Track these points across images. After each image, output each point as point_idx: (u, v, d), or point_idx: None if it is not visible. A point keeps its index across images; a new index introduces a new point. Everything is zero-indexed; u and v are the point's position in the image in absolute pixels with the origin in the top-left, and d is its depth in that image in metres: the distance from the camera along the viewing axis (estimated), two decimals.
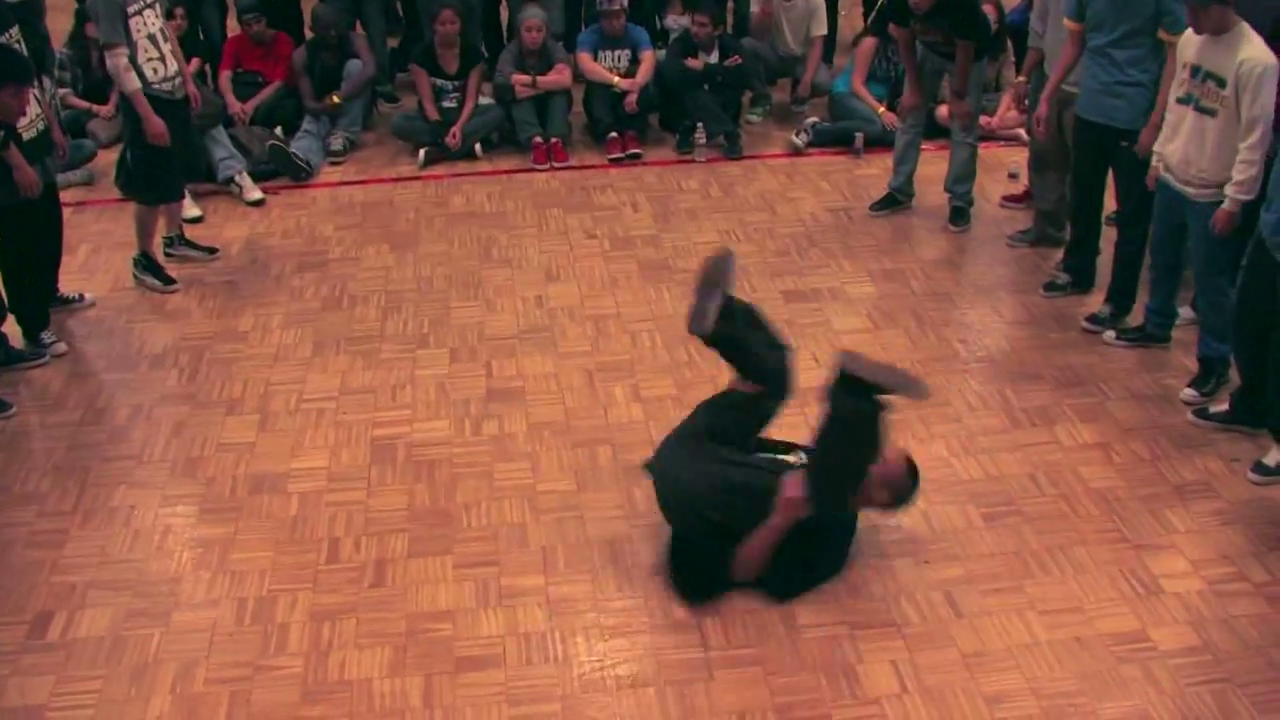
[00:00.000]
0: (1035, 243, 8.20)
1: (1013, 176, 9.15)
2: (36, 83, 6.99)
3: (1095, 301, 7.37)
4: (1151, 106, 6.74)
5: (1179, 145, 6.31)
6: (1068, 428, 6.35)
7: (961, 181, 8.48)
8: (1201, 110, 6.17)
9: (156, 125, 7.42)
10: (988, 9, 8.85)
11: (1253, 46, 5.95)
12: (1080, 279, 7.58)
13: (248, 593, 5.36)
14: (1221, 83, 6.03)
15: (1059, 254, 7.83)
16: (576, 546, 5.58)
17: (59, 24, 10.55)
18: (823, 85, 10.55)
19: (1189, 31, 6.21)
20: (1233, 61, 5.96)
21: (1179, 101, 6.30)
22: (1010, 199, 8.86)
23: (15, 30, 6.90)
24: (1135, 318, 7.14)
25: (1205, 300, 6.51)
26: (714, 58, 9.91)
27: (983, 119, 8.91)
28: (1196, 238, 6.37)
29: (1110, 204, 7.37)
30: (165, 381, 6.94)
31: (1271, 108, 5.95)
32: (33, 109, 6.84)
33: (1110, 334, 7.10)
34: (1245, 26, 6.00)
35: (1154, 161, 6.55)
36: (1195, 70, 6.18)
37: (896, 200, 8.78)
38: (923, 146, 8.75)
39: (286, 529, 5.74)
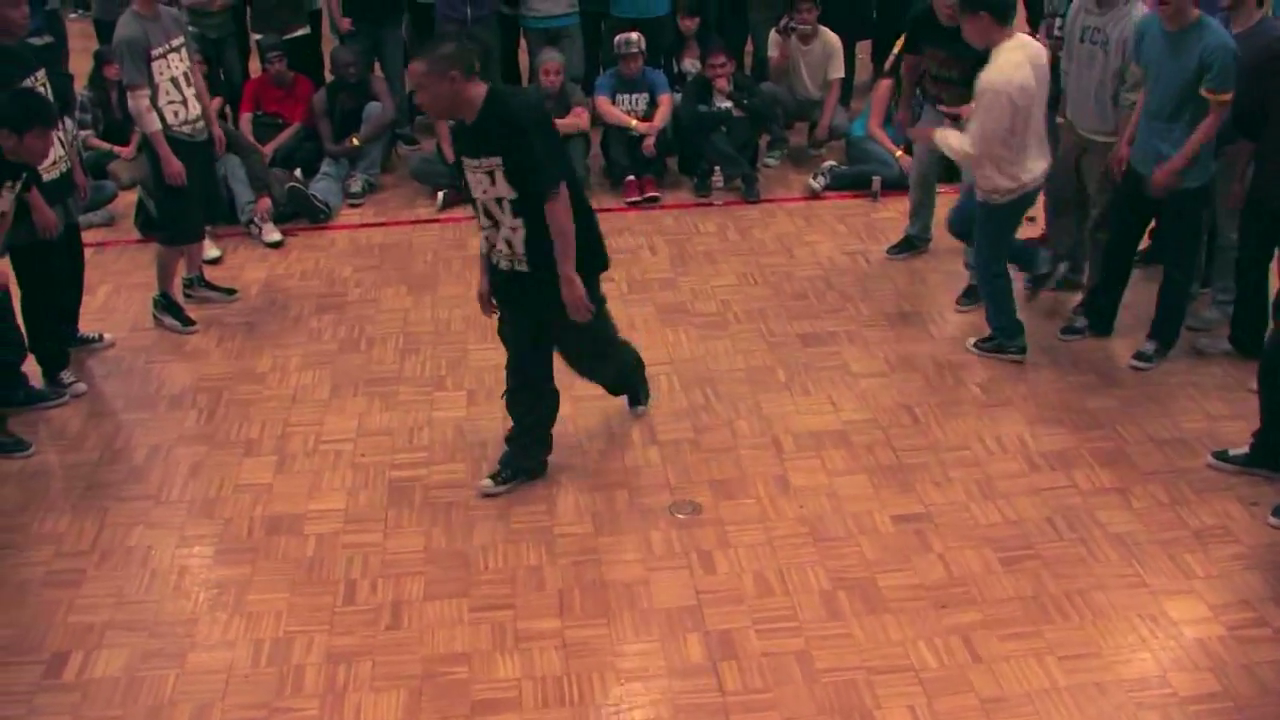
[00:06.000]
0: (1053, 286, 8.17)
1: (1030, 220, 9.13)
2: (59, 124, 7.04)
3: (1114, 344, 7.39)
4: (1204, 166, 6.80)
5: None
6: (1086, 472, 6.33)
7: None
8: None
9: (174, 165, 7.47)
10: None
11: (998, 64, 6.55)
12: (1099, 323, 7.55)
13: (264, 634, 5.35)
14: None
15: (1076, 297, 7.82)
16: (593, 589, 5.57)
17: (79, 65, 10.65)
18: (840, 128, 10.58)
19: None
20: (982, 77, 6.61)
21: None
22: (1028, 243, 8.83)
23: (41, 73, 6.94)
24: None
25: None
26: (728, 102, 9.94)
27: None
28: None
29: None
30: (183, 422, 6.96)
31: (992, 129, 6.58)
32: (55, 150, 6.88)
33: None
34: (1007, 44, 6.58)
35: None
36: None
37: (914, 245, 8.77)
38: (940, 189, 8.72)
39: (303, 570, 5.74)
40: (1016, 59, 6.58)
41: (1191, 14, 6.55)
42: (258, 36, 10.73)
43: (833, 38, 10.47)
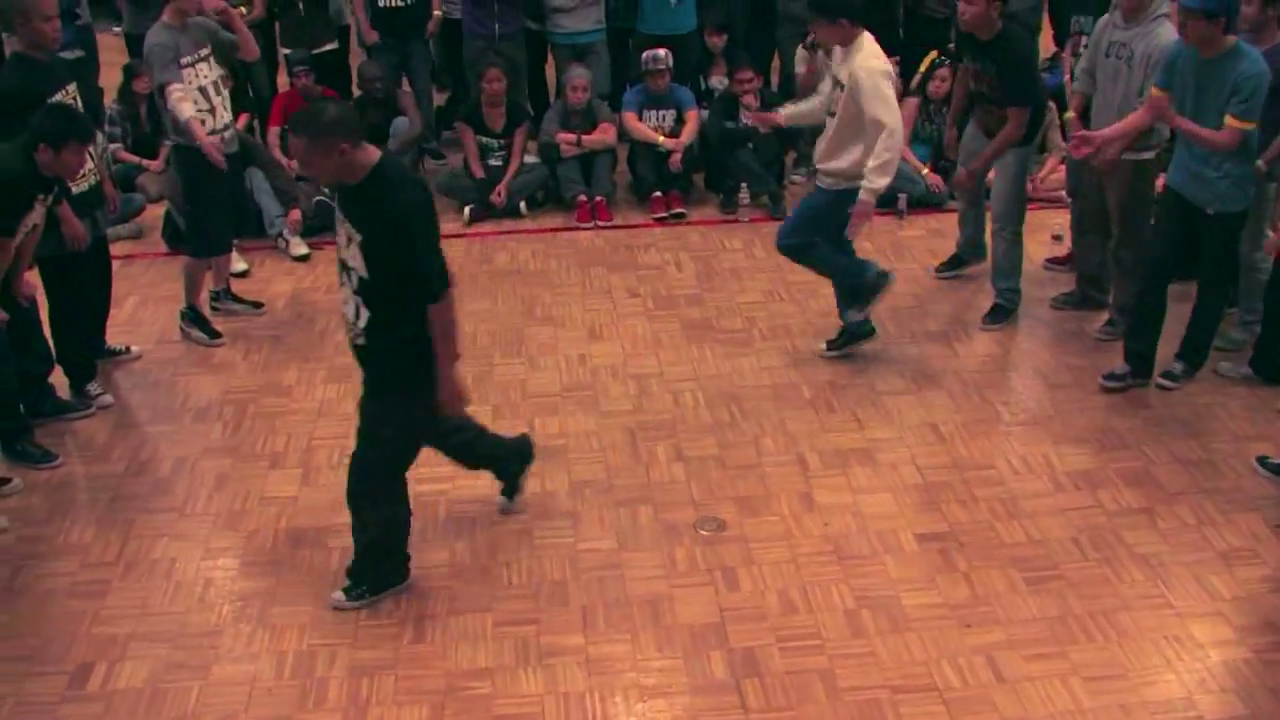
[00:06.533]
0: (1078, 305, 8.15)
1: (1056, 239, 9.12)
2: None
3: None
4: (1244, 190, 6.74)
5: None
6: (1112, 492, 6.30)
7: (1005, 276, 8.09)
8: (830, 114, 7.06)
9: (207, 145, 7.33)
10: None
11: (863, 55, 6.76)
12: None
13: (287, 647, 5.36)
14: (841, 87, 6.89)
15: (1102, 316, 7.80)
16: (617, 606, 5.57)
17: (109, 79, 10.70)
18: None
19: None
20: (848, 70, 6.79)
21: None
22: (1054, 261, 8.83)
23: (73, 87, 6.97)
24: None
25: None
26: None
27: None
28: None
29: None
30: (209, 434, 6.98)
31: (890, 100, 6.77)
32: (86, 163, 6.91)
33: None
34: (865, 37, 6.82)
35: None
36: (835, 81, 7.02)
37: (962, 261, 8.68)
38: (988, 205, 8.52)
39: (327, 583, 5.73)
40: (876, 49, 6.89)
41: (1224, 40, 6.48)
42: (286, 51, 10.78)
43: None
